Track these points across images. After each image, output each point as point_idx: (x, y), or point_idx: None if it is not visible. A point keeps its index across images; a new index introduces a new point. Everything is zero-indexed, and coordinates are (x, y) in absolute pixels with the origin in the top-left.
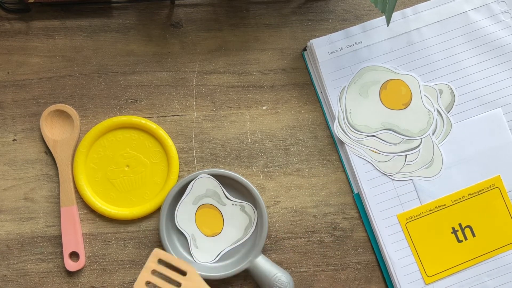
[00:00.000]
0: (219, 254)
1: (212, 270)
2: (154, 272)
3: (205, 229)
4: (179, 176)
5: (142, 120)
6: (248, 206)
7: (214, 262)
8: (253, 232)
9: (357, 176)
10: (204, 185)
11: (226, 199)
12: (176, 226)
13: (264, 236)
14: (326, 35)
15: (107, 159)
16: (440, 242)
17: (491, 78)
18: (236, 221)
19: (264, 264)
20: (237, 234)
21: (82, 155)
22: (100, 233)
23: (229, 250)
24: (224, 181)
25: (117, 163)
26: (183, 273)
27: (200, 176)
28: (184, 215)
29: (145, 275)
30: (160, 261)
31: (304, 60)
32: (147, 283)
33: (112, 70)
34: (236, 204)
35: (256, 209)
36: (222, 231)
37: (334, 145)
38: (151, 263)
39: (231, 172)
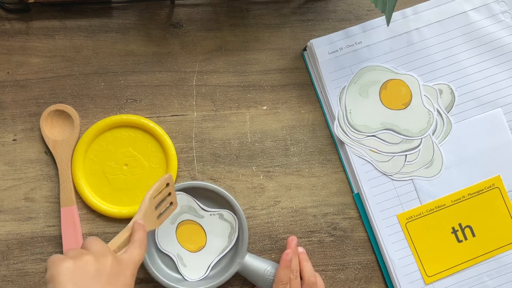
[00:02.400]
0: (209, 266)
1: (203, 283)
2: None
3: (189, 245)
4: (178, 176)
5: (151, 124)
6: (226, 213)
7: (206, 276)
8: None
9: (357, 176)
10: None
11: (203, 211)
12: (160, 249)
13: (245, 235)
14: (326, 35)
15: (108, 154)
16: (440, 242)
17: (491, 78)
18: (218, 230)
19: (253, 262)
20: (222, 243)
21: (84, 145)
22: (100, 233)
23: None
24: (198, 192)
25: (116, 159)
26: None
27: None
28: (165, 236)
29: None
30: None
31: (304, 60)
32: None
33: (112, 70)
34: (214, 214)
35: (232, 212)
36: (207, 244)
37: (334, 145)
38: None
39: (200, 182)
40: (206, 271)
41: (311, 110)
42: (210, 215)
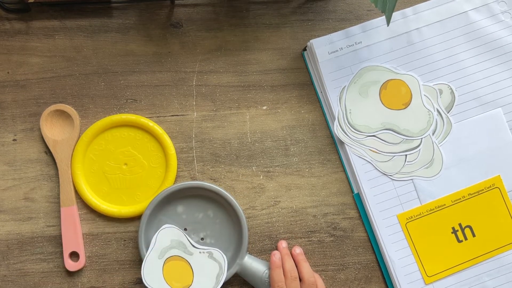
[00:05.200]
0: None
1: None
2: None
3: (175, 283)
4: (178, 176)
5: (150, 123)
6: (216, 252)
7: None
8: (235, 235)
9: (357, 176)
10: (168, 236)
11: (192, 247)
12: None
13: (245, 236)
14: (326, 35)
15: (107, 153)
16: (440, 242)
17: (491, 78)
18: (206, 270)
19: (252, 264)
20: (209, 284)
21: (83, 145)
22: (100, 233)
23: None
24: (197, 193)
25: (116, 159)
26: None
27: (163, 227)
28: (151, 271)
29: None
30: None
31: (304, 60)
32: None
33: (112, 70)
34: (203, 252)
35: (232, 213)
36: (193, 284)
37: (334, 145)
38: None
39: (199, 182)
40: None
41: (311, 110)
42: (200, 252)
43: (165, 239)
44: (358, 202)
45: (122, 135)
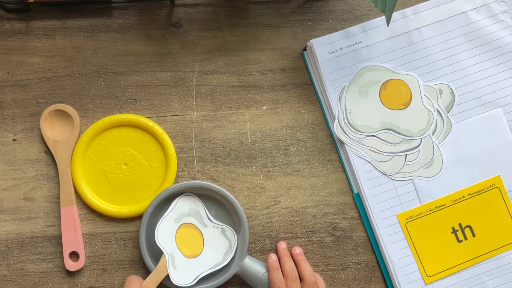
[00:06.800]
0: (197, 277)
1: (203, 282)
2: None
3: (184, 249)
4: (178, 176)
5: (150, 123)
6: (228, 230)
7: (191, 285)
8: (235, 236)
9: (357, 176)
10: (187, 203)
11: (208, 220)
12: (156, 242)
13: (246, 237)
14: (326, 35)
15: (107, 153)
16: (440, 242)
17: (491, 78)
18: (216, 245)
19: (252, 265)
20: (216, 258)
21: (83, 145)
22: (100, 233)
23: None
24: (198, 192)
25: (116, 159)
26: None
27: (185, 194)
28: (165, 232)
29: None
30: None
31: (304, 60)
32: None
33: (112, 70)
34: (217, 227)
35: (233, 214)
36: (202, 254)
37: (334, 145)
38: None
39: (200, 182)
40: (193, 280)
41: (311, 110)
42: (214, 227)
43: (185, 205)
44: (358, 202)
45: (122, 135)
